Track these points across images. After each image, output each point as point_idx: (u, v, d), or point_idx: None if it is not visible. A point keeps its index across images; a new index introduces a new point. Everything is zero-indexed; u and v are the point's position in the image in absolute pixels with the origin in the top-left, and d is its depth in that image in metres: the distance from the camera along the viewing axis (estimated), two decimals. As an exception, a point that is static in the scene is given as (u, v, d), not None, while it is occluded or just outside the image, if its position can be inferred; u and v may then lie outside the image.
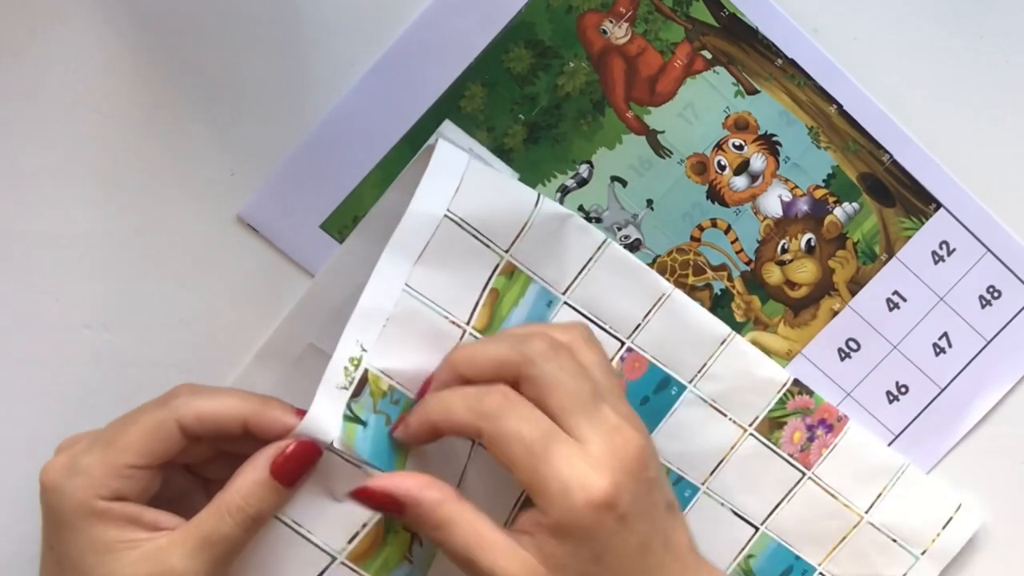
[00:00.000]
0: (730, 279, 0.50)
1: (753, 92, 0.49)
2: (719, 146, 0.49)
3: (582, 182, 0.49)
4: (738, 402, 0.50)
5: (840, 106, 0.49)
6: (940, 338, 0.52)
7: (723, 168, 0.49)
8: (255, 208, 0.47)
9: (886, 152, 0.50)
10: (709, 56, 0.48)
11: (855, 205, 0.50)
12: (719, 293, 0.50)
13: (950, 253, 0.51)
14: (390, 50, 0.46)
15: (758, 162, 0.49)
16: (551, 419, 0.40)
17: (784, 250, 0.50)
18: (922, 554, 0.52)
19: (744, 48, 0.48)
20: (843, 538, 0.52)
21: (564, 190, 0.48)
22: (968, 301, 0.51)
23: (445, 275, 0.43)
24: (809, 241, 0.50)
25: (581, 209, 0.49)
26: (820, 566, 0.52)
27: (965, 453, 0.53)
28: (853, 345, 0.51)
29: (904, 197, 0.50)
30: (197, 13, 0.45)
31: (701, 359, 0.49)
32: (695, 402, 0.49)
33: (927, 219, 0.50)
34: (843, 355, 0.51)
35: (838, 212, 0.50)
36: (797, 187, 0.50)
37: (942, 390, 0.52)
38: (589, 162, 0.48)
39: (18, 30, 0.45)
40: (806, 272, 0.51)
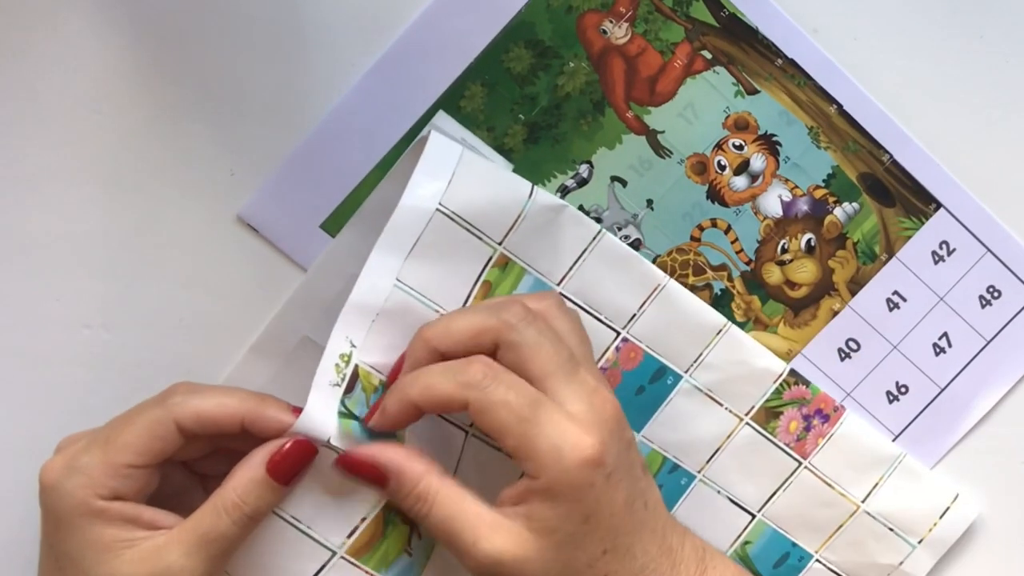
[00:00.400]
0: (730, 279, 0.50)
1: (753, 92, 0.49)
2: (719, 146, 0.49)
3: (582, 182, 0.49)
4: (734, 392, 0.50)
5: (840, 106, 0.49)
6: (940, 338, 0.52)
7: (723, 168, 0.49)
8: (255, 208, 0.47)
9: (886, 152, 0.50)
10: (709, 56, 0.48)
11: (855, 205, 0.50)
12: (719, 293, 0.50)
13: (950, 253, 0.51)
14: (390, 50, 0.46)
15: (758, 162, 0.49)
16: (532, 383, 0.40)
17: (784, 250, 0.50)
18: (919, 543, 0.53)
19: (744, 48, 0.48)
20: (840, 526, 0.52)
21: (564, 190, 0.48)
22: (968, 301, 0.51)
23: (437, 269, 0.43)
24: (809, 241, 0.50)
25: (581, 209, 0.49)
26: (817, 553, 0.52)
27: (965, 453, 0.53)
28: (853, 345, 0.51)
29: (904, 197, 0.50)
30: (197, 13, 0.45)
31: (697, 349, 0.49)
32: (691, 392, 0.49)
33: (927, 219, 0.50)
34: (843, 355, 0.51)
35: (838, 212, 0.50)
36: (797, 187, 0.50)
37: (942, 390, 0.52)
38: (589, 162, 0.48)
39: (18, 30, 0.45)
40: (806, 272, 0.51)
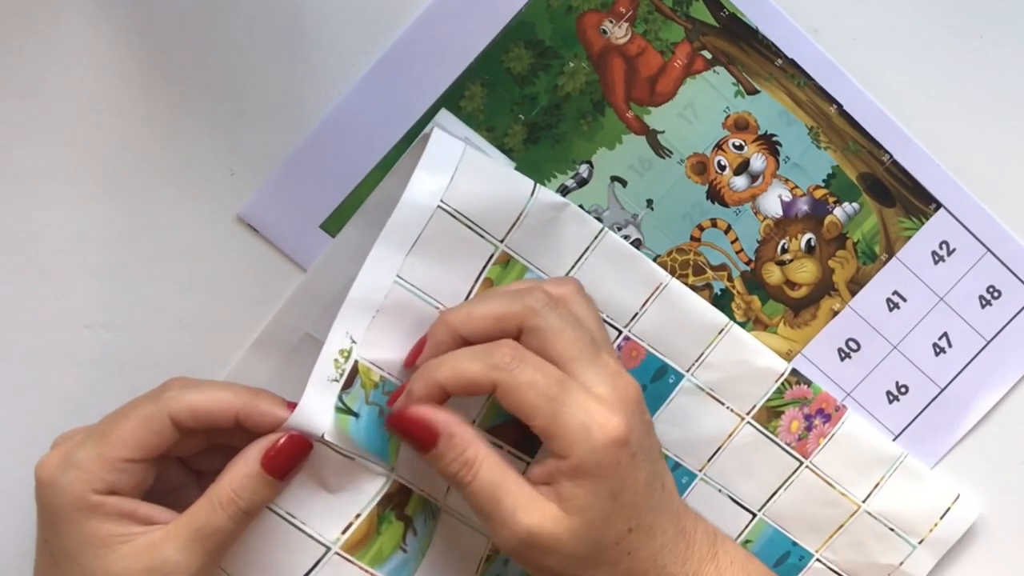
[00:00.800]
0: (730, 279, 0.50)
1: (753, 92, 0.49)
2: (719, 146, 0.49)
3: (582, 182, 0.49)
4: (735, 391, 0.50)
5: (840, 106, 0.49)
6: (940, 338, 0.52)
7: (723, 168, 0.49)
8: (255, 208, 0.47)
9: (886, 152, 0.50)
10: (709, 56, 0.48)
11: (855, 205, 0.50)
12: (719, 293, 0.50)
13: (950, 253, 0.51)
14: (390, 50, 0.46)
15: (758, 162, 0.49)
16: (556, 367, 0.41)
17: (784, 250, 0.50)
18: (919, 543, 0.52)
19: (744, 48, 0.48)
20: (840, 526, 0.52)
21: (564, 190, 0.48)
22: (968, 301, 0.51)
23: (438, 265, 0.43)
24: (809, 241, 0.50)
25: (581, 209, 0.49)
26: (817, 552, 0.52)
27: (965, 453, 0.53)
28: (853, 345, 0.51)
29: (904, 197, 0.50)
30: (197, 13, 0.45)
31: (698, 348, 0.49)
32: (692, 390, 0.49)
33: (927, 219, 0.50)
34: (843, 355, 0.51)
35: (838, 212, 0.50)
36: (797, 187, 0.50)
37: (942, 390, 0.52)
38: (589, 162, 0.48)
39: (18, 30, 0.45)
40: (806, 272, 0.51)
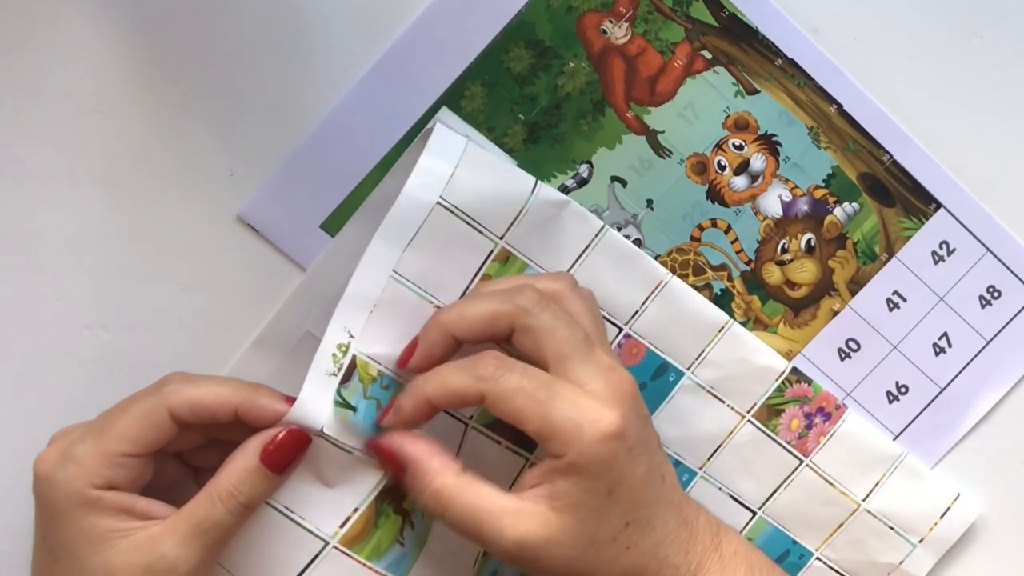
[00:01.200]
0: (730, 279, 0.50)
1: (753, 92, 0.49)
2: (719, 146, 0.49)
3: (582, 182, 0.49)
4: (736, 389, 0.50)
5: (840, 106, 0.49)
6: (940, 338, 0.52)
7: (723, 168, 0.49)
8: (255, 208, 0.47)
9: (886, 152, 0.50)
10: (709, 56, 0.48)
11: (855, 205, 0.50)
12: (719, 293, 0.50)
13: (950, 253, 0.51)
14: (390, 50, 0.46)
15: (758, 162, 0.49)
16: (549, 366, 0.41)
17: (784, 250, 0.50)
18: (919, 542, 0.52)
19: (744, 48, 0.48)
20: (840, 525, 0.52)
21: (564, 190, 0.48)
22: (968, 301, 0.51)
23: (436, 261, 0.44)
24: (809, 241, 0.50)
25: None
26: (817, 551, 0.52)
27: (965, 453, 0.53)
28: (853, 345, 0.51)
29: (904, 197, 0.50)
30: (197, 13, 0.45)
31: (699, 346, 0.49)
32: (693, 388, 0.49)
33: (927, 219, 0.50)
34: (843, 355, 0.51)
35: (838, 212, 0.50)
36: (797, 187, 0.50)
37: (942, 390, 0.52)
38: (589, 162, 0.48)
39: (18, 29, 0.45)
40: (806, 272, 0.51)
